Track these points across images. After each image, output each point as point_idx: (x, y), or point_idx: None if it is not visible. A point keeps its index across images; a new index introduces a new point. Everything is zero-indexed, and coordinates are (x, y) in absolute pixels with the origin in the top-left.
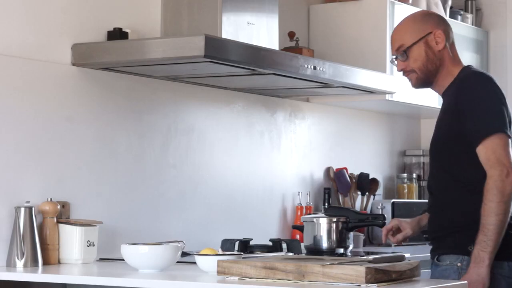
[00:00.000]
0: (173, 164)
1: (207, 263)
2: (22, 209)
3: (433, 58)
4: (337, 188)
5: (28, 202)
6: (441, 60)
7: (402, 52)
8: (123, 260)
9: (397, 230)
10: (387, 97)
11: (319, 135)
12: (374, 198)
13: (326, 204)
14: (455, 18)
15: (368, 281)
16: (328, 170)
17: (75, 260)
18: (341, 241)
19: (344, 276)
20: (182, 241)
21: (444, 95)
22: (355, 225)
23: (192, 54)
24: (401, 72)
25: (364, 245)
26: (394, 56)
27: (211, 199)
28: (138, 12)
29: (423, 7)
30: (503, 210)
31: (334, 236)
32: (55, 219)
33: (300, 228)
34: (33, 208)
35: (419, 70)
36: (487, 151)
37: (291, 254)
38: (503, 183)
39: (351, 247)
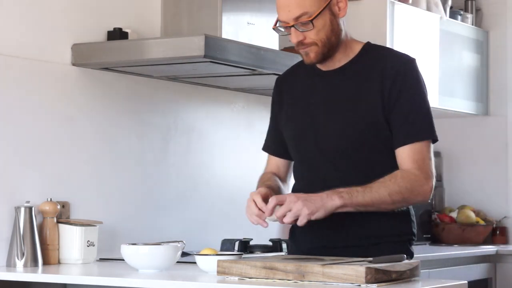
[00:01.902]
0: (173, 164)
1: (207, 263)
2: (22, 209)
3: (337, 28)
4: None
5: (28, 202)
6: (342, 31)
7: (306, 22)
8: (123, 260)
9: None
10: None
11: None
12: None
13: None
14: (455, 18)
15: (368, 281)
16: None
17: (75, 260)
18: None
19: (344, 276)
20: (182, 241)
21: (343, 72)
22: None
23: (192, 54)
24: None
25: None
26: (289, 25)
27: (211, 199)
28: (138, 12)
29: (423, 7)
30: (393, 203)
31: None
32: (55, 219)
33: None
34: (33, 208)
35: (321, 42)
36: (416, 152)
37: None
38: (421, 190)
39: None
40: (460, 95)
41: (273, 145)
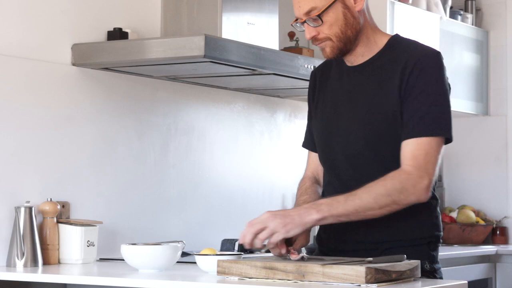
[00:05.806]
0: (173, 164)
1: (207, 263)
2: (22, 209)
3: (353, 21)
4: None
5: (28, 202)
6: (360, 24)
7: (315, 17)
8: (123, 260)
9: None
10: None
11: None
12: None
13: None
14: (455, 18)
15: (368, 281)
16: None
17: (75, 260)
18: None
19: (344, 276)
20: (182, 241)
21: (367, 67)
22: None
23: (192, 54)
24: (311, 40)
25: None
26: (302, 21)
27: (211, 199)
28: (138, 12)
29: (423, 7)
30: (381, 207)
31: None
32: (55, 219)
33: None
34: (33, 208)
35: (336, 37)
36: (419, 148)
37: None
38: (413, 189)
39: None
40: (460, 95)
41: (311, 141)
